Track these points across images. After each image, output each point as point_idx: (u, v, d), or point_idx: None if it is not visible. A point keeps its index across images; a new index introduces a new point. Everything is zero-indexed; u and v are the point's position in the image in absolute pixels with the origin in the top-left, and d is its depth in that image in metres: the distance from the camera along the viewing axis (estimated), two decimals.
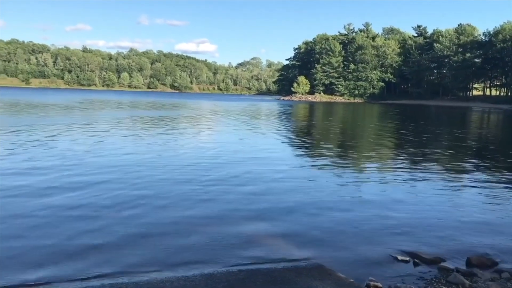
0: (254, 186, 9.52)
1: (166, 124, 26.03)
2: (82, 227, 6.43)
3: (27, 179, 9.39)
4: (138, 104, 55.77)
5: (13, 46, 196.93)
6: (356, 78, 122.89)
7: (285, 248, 5.90)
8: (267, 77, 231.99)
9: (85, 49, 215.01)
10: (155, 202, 7.93)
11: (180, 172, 10.82)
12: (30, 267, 5.08)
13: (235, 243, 6.00)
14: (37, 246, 5.68)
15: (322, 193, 9.08)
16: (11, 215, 6.88)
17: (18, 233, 6.12)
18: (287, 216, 7.33)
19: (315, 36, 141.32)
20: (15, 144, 14.75)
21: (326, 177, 11.01)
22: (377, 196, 9.07)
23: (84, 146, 14.99)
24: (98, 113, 35.24)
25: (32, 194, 8.21)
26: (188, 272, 5.03)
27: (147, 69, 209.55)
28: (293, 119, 38.56)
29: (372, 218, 7.40)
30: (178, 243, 5.93)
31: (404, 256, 5.71)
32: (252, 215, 7.36)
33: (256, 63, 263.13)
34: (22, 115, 30.49)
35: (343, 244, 6.12)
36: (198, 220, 6.94)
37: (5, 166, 10.71)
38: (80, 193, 8.33)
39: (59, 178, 9.63)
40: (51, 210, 7.22)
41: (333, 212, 7.71)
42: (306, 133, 24.85)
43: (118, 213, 7.20)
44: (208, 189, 9.01)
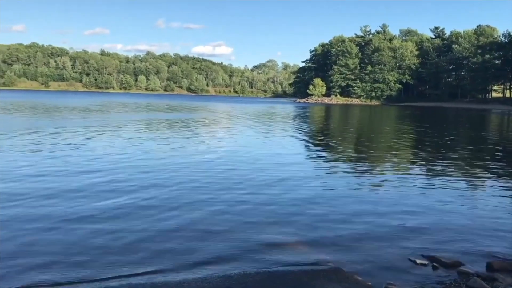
0: (271, 190, 9.50)
1: (189, 127, 26.21)
2: (105, 227, 6.52)
3: (77, 183, 9.54)
4: (159, 107, 56.13)
5: (32, 50, 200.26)
6: (373, 80, 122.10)
7: (303, 251, 5.89)
8: (283, 79, 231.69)
9: (103, 52, 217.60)
10: (175, 204, 7.97)
11: (200, 175, 10.88)
12: (62, 266, 5.18)
13: (253, 246, 6.01)
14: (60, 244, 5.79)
15: (339, 197, 9.04)
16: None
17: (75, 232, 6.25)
18: (304, 220, 7.30)
19: (332, 38, 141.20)
20: (56, 145, 15.07)
21: (343, 180, 10.94)
22: (395, 199, 8.98)
23: (119, 149, 15.14)
24: (122, 116, 35.63)
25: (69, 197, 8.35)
26: (205, 273, 5.05)
27: (164, 72, 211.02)
28: (309, 121, 38.44)
29: (390, 221, 7.33)
30: (196, 245, 5.96)
31: (423, 259, 5.64)
32: (268, 218, 7.35)
33: (272, 65, 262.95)
34: (52, 117, 31.03)
35: (361, 247, 6.07)
36: (216, 223, 6.96)
37: (57, 168, 10.94)
38: (99, 195, 8.46)
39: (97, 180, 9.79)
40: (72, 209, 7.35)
41: (350, 215, 7.66)
42: (323, 136, 24.75)
43: (139, 214, 7.29)
44: (227, 193, 9.04)
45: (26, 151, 14.04)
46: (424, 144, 20.77)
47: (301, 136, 22.77)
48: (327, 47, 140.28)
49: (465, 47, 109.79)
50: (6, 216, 6.96)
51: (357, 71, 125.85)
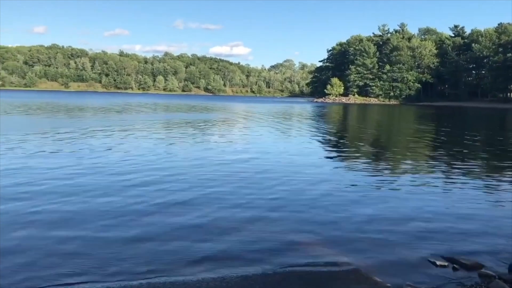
0: (286, 190, 9.51)
1: (211, 128, 26.34)
2: (136, 227, 6.63)
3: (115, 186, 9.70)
4: (179, 107, 56.51)
5: (53, 51, 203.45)
6: (391, 79, 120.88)
7: (321, 252, 5.87)
8: (300, 79, 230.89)
9: (122, 53, 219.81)
10: (200, 203, 8.06)
11: (219, 175, 10.93)
12: (90, 265, 5.27)
13: (271, 246, 6.02)
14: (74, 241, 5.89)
15: (357, 198, 9.00)
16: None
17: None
18: (322, 221, 7.29)
19: (349, 37, 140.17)
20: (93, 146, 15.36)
21: (361, 182, 10.87)
22: (414, 200, 8.90)
23: (146, 150, 15.26)
24: (144, 116, 36.04)
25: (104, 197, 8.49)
26: (223, 273, 5.08)
27: (182, 72, 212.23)
28: (327, 121, 38.25)
29: (409, 222, 7.28)
30: (215, 245, 5.99)
31: (443, 261, 5.58)
32: (285, 219, 7.35)
33: (289, 65, 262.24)
34: (78, 118, 31.53)
35: (380, 248, 6.04)
36: (235, 223, 6.99)
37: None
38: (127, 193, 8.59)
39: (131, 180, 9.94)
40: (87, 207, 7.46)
41: (369, 216, 7.62)
42: (342, 137, 24.62)
43: (160, 213, 7.39)
44: (246, 193, 9.08)
45: (68, 151, 14.41)
46: (444, 144, 20.53)
47: (319, 137, 22.67)
48: (344, 47, 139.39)
49: (486, 46, 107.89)
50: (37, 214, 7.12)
51: (375, 70, 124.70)
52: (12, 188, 8.83)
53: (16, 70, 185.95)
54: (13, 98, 72.20)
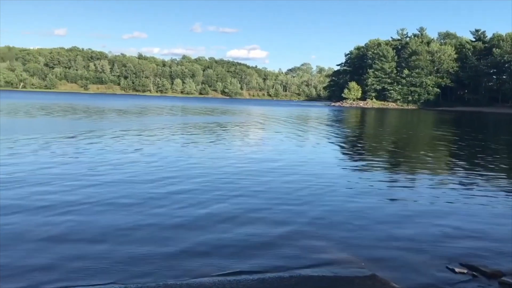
0: (307, 194, 9.50)
1: (231, 131, 26.48)
2: (161, 230, 6.69)
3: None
4: (199, 110, 56.79)
5: (73, 53, 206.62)
6: (410, 84, 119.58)
7: (338, 256, 5.84)
8: (317, 82, 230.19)
9: (140, 56, 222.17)
10: (213, 208, 8.06)
11: (237, 179, 10.97)
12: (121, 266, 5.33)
13: (287, 250, 6.01)
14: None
15: (374, 203, 8.94)
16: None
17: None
18: (339, 225, 7.26)
19: (367, 41, 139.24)
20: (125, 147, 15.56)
21: (378, 186, 10.80)
22: (432, 206, 8.80)
23: (167, 153, 15.36)
24: (165, 119, 36.44)
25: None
26: (239, 276, 5.08)
27: (199, 75, 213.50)
28: (346, 126, 38.07)
29: (427, 228, 7.20)
30: (231, 247, 6.00)
31: (462, 268, 5.49)
32: (301, 223, 7.34)
33: (306, 68, 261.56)
34: (102, 120, 31.99)
35: (397, 254, 5.98)
36: (251, 227, 6.99)
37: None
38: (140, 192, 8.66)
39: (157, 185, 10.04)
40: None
41: (386, 221, 7.57)
42: (359, 142, 24.47)
43: (180, 215, 7.45)
44: (264, 196, 9.11)
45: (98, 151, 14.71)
46: (463, 150, 20.25)
47: (337, 141, 22.58)
48: (362, 50, 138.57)
49: (507, 51, 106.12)
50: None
51: (393, 74, 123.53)
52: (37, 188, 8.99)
53: (37, 72, 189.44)
54: (35, 99, 73.43)
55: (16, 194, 8.39)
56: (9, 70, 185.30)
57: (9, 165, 11.38)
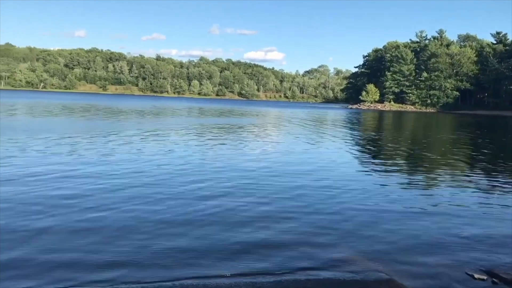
0: (327, 197, 9.48)
1: (250, 132, 26.54)
2: (178, 229, 6.77)
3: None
4: (218, 112, 57.03)
5: (92, 54, 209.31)
6: (429, 87, 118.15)
7: (354, 260, 5.81)
8: (334, 85, 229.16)
9: (158, 57, 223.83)
10: (232, 210, 8.09)
11: (251, 182, 10.99)
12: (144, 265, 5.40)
13: (303, 252, 6.00)
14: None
15: (393, 207, 8.86)
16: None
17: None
18: (356, 229, 7.22)
19: (385, 43, 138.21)
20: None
21: (397, 190, 10.72)
22: (451, 211, 8.69)
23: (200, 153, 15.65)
24: (186, 120, 36.81)
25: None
26: (255, 278, 5.09)
27: (216, 77, 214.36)
28: (363, 128, 37.80)
29: (445, 233, 7.12)
30: (248, 250, 6.01)
31: (481, 274, 5.41)
32: (321, 226, 7.32)
33: (323, 70, 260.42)
34: (122, 120, 32.43)
35: (415, 258, 5.92)
36: (269, 230, 6.97)
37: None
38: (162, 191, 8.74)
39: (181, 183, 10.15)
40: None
41: (404, 226, 7.50)
42: (379, 145, 24.26)
43: (199, 216, 7.52)
44: (279, 199, 9.12)
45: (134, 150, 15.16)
46: (484, 154, 19.94)
47: (356, 144, 22.45)
48: (380, 53, 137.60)
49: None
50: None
51: (412, 77, 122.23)
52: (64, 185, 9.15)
53: (57, 73, 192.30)
54: (56, 100, 74.60)
55: (74, 189, 8.72)
56: (30, 70, 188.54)
57: (59, 164, 11.75)
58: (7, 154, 13.12)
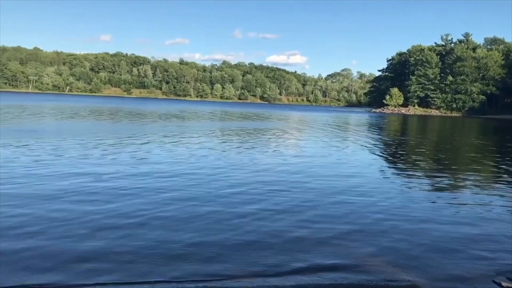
0: (347, 200, 9.45)
1: (278, 135, 26.63)
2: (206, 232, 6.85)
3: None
4: (242, 115, 57.24)
5: (117, 58, 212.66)
6: (454, 91, 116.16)
7: (379, 266, 5.77)
8: (357, 88, 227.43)
9: (181, 61, 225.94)
10: (262, 212, 8.14)
11: (279, 187, 11.04)
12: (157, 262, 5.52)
13: (326, 256, 5.99)
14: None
15: (418, 213, 8.74)
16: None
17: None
18: (381, 235, 7.15)
19: (410, 47, 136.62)
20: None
21: (420, 194, 10.60)
22: (475, 216, 8.56)
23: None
24: (212, 124, 37.12)
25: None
26: (280, 282, 5.10)
27: (239, 80, 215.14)
28: (389, 133, 37.44)
29: (472, 239, 7.00)
30: (274, 254, 6.02)
31: (509, 283, 5.32)
32: (342, 229, 7.30)
33: (346, 74, 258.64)
34: (149, 123, 32.99)
35: (441, 265, 5.84)
36: (295, 234, 6.96)
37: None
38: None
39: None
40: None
41: (430, 232, 7.40)
42: (404, 149, 24.00)
43: (232, 217, 7.65)
44: (304, 203, 9.12)
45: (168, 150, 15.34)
46: (509, 160, 19.53)
47: (381, 148, 22.25)
48: (404, 56, 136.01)
49: None
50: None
51: (437, 81, 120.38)
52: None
53: (83, 76, 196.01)
54: (82, 103, 76.03)
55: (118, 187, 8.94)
56: (56, 74, 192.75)
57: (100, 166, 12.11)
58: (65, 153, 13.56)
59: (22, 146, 15.73)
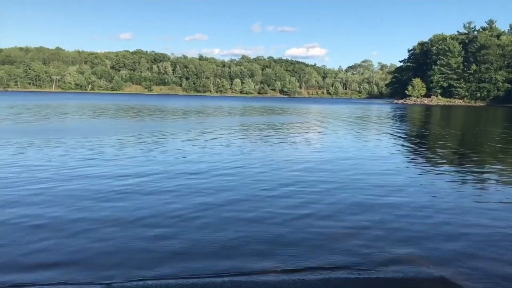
0: (374, 193, 9.41)
1: (304, 129, 26.62)
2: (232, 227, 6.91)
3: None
4: (266, 110, 57.28)
5: (137, 56, 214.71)
6: (478, 80, 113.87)
7: (403, 258, 5.72)
8: (378, 80, 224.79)
9: (201, 57, 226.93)
10: (297, 208, 8.14)
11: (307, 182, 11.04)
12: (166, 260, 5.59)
13: (351, 250, 5.97)
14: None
15: (443, 204, 8.64)
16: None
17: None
18: (404, 227, 7.09)
19: (431, 36, 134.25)
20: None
21: (448, 188, 10.45)
22: (503, 209, 8.39)
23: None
24: (236, 119, 37.18)
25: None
26: (305, 275, 5.10)
27: (258, 75, 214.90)
28: (413, 124, 36.96)
29: (499, 232, 6.88)
30: (298, 249, 6.02)
31: None
32: (369, 224, 7.26)
33: (367, 65, 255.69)
34: (176, 120, 33.37)
35: (470, 258, 5.75)
36: (322, 229, 6.95)
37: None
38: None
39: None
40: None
41: (455, 223, 7.31)
42: (430, 141, 23.67)
43: (254, 213, 7.64)
44: (331, 197, 9.10)
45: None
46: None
47: (403, 140, 21.98)
48: (426, 46, 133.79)
49: None
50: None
51: (460, 70, 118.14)
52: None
53: (104, 75, 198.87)
54: (105, 101, 77.13)
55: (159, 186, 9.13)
56: (78, 73, 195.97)
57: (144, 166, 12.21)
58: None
59: (64, 145, 15.97)
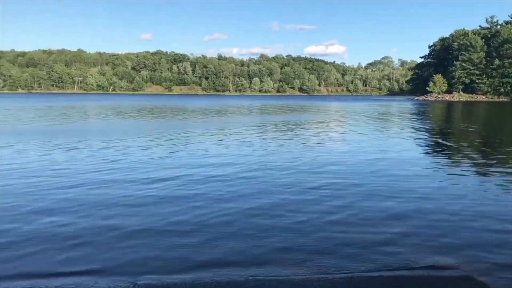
0: (398, 191, 9.38)
1: (326, 127, 26.66)
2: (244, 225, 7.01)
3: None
4: (288, 108, 57.18)
5: (157, 57, 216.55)
6: (502, 75, 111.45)
7: (429, 255, 5.72)
8: (399, 76, 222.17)
9: (220, 57, 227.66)
10: (311, 204, 8.22)
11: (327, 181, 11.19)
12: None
13: (376, 247, 5.99)
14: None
15: (467, 202, 8.58)
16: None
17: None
18: (429, 225, 7.06)
19: (452, 31, 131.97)
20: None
21: (471, 186, 10.37)
22: None
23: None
24: (257, 118, 37.19)
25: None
26: (328, 273, 5.16)
27: (277, 73, 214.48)
28: (436, 121, 36.53)
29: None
30: (320, 246, 6.08)
31: None
32: (391, 218, 7.29)
33: (387, 62, 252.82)
34: (198, 119, 33.74)
35: (496, 256, 5.71)
36: (341, 225, 7.01)
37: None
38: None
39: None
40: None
41: (484, 219, 7.29)
42: (454, 138, 23.48)
43: (276, 212, 7.71)
44: (351, 193, 9.16)
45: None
46: None
47: (430, 140, 21.80)
48: (447, 41, 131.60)
49: None
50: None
51: (482, 65, 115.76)
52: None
53: (125, 75, 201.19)
54: (128, 101, 77.97)
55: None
56: (100, 74, 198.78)
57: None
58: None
59: (93, 147, 16.15)
